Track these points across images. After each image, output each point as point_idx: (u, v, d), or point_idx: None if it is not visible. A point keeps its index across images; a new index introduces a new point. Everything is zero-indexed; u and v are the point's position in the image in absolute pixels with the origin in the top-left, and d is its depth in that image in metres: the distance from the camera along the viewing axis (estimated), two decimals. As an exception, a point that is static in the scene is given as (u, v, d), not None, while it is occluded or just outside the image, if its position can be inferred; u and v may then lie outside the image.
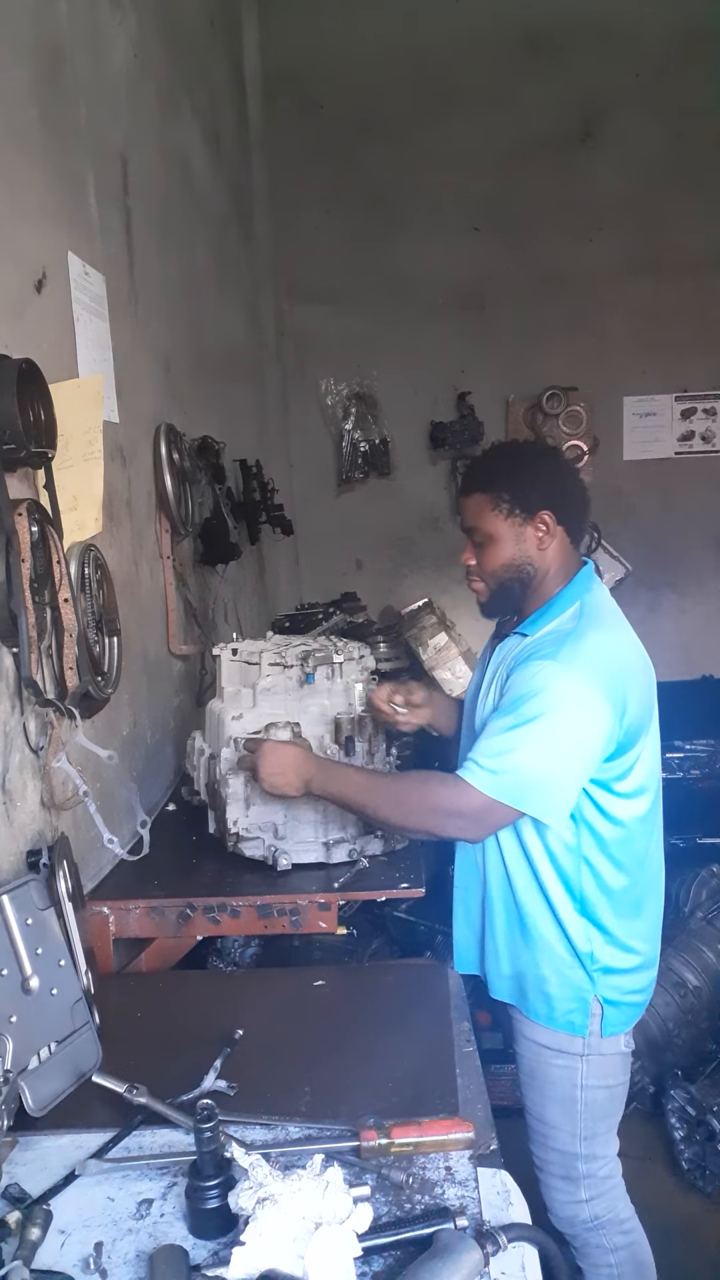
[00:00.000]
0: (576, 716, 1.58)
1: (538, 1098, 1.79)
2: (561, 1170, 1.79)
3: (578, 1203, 1.79)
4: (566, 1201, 1.80)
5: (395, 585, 5.09)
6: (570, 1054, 1.74)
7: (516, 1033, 1.82)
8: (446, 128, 4.70)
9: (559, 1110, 1.76)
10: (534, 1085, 1.80)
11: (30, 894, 1.39)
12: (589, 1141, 1.77)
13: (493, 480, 1.72)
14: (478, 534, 1.73)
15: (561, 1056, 1.74)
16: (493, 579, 1.74)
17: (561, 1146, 1.78)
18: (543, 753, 1.58)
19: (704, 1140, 2.55)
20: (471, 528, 1.74)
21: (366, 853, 1.98)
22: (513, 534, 1.71)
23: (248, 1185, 1.03)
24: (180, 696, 2.75)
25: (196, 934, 1.88)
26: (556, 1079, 1.76)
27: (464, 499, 1.76)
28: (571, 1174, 1.78)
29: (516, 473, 1.73)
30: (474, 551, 1.76)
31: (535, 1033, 1.77)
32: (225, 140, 3.97)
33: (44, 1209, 1.09)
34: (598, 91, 4.69)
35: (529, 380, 4.89)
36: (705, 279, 4.76)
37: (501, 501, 1.70)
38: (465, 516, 1.76)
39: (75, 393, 1.77)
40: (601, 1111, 1.77)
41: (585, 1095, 1.74)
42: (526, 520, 1.70)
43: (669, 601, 5.06)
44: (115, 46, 2.36)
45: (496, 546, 1.72)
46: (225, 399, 3.69)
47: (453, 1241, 1.03)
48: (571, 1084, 1.74)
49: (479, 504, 1.72)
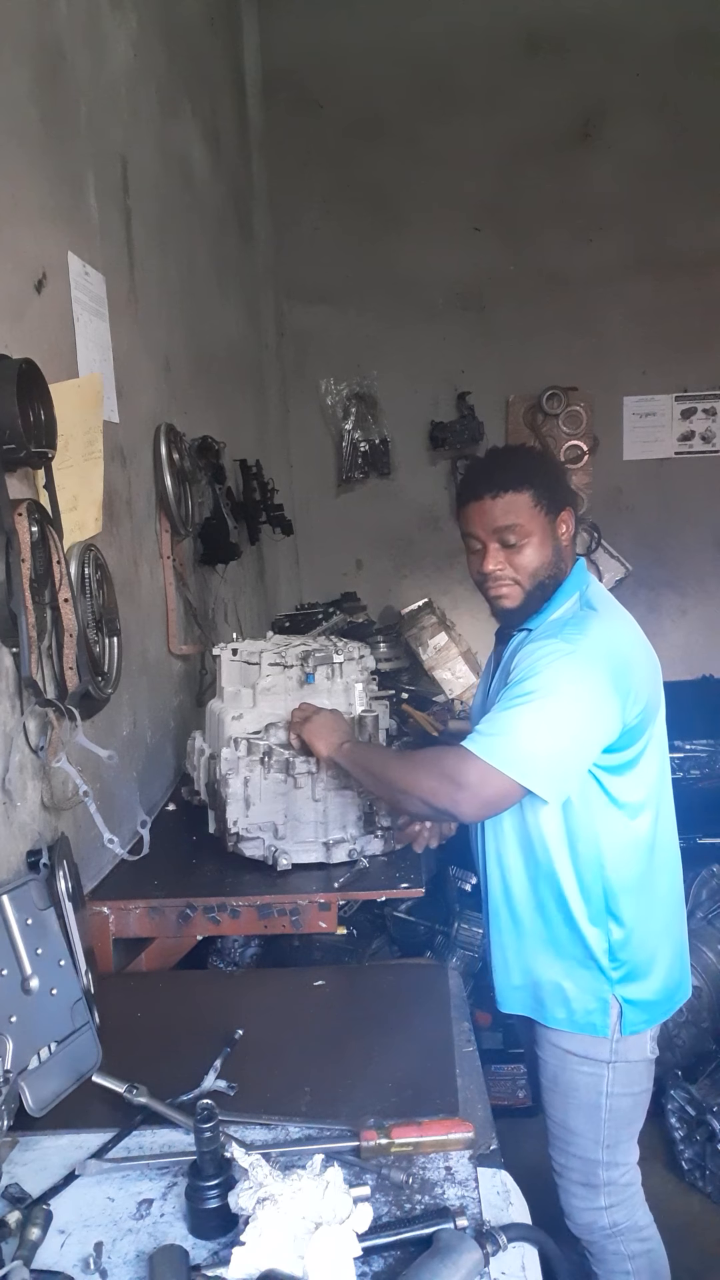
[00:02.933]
0: (581, 697, 1.58)
1: (561, 1104, 1.77)
2: (582, 1177, 1.77)
3: (596, 1209, 1.77)
4: (585, 1208, 1.78)
5: (395, 585, 5.08)
6: (596, 1060, 1.71)
7: (539, 1039, 1.79)
8: (446, 128, 4.69)
9: (582, 1117, 1.74)
10: (557, 1091, 1.77)
11: (30, 894, 1.40)
12: (611, 1149, 1.75)
13: (529, 478, 1.69)
14: (515, 533, 1.67)
15: (588, 1063, 1.72)
16: (531, 579, 1.70)
17: (583, 1153, 1.76)
18: (546, 729, 1.57)
19: (704, 1140, 2.55)
20: (509, 526, 1.67)
21: (366, 853, 1.98)
22: (550, 531, 1.70)
23: (248, 1185, 1.04)
24: (180, 696, 2.75)
25: (196, 934, 1.88)
26: (582, 1085, 1.73)
27: (490, 499, 1.68)
28: (592, 1181, 1.76)
29: (544, 471, 1.75)
30: (502, 554, 1.69)
31: (560, 1039, 1.74)
32: (225, 140, 3.97)
33: (44, 1209, 1.10)
34: (598, 91, 4.68)
35: (529, 380, 4.88)
36: (705, 279, 4.76)
37: (540, 499, 1.68)
38: (494, 517, 1.68)
39: (75, 393, 1.77)
40: (625, 1119, 1.75)
41: (610, 1103, 1.72)
42: (554, 518, 1.71)
43: (669, 601, 5.06)
44: (115, 46, 2.36)
45: (536, 545, 1.68)
46: (225, 399, 3.69)
47: (453, 1241, 1.03)
48: (597, 1091, 1.72)
49: (518, 503, 1.67)
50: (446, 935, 2.91)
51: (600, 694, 1.59)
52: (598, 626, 1.64)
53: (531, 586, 1.71)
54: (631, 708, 1.63)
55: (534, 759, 1.57)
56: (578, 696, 1.58)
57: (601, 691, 1.59)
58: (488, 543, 1.70)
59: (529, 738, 1.57)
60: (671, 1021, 2.81)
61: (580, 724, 1.59)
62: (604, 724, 1.61)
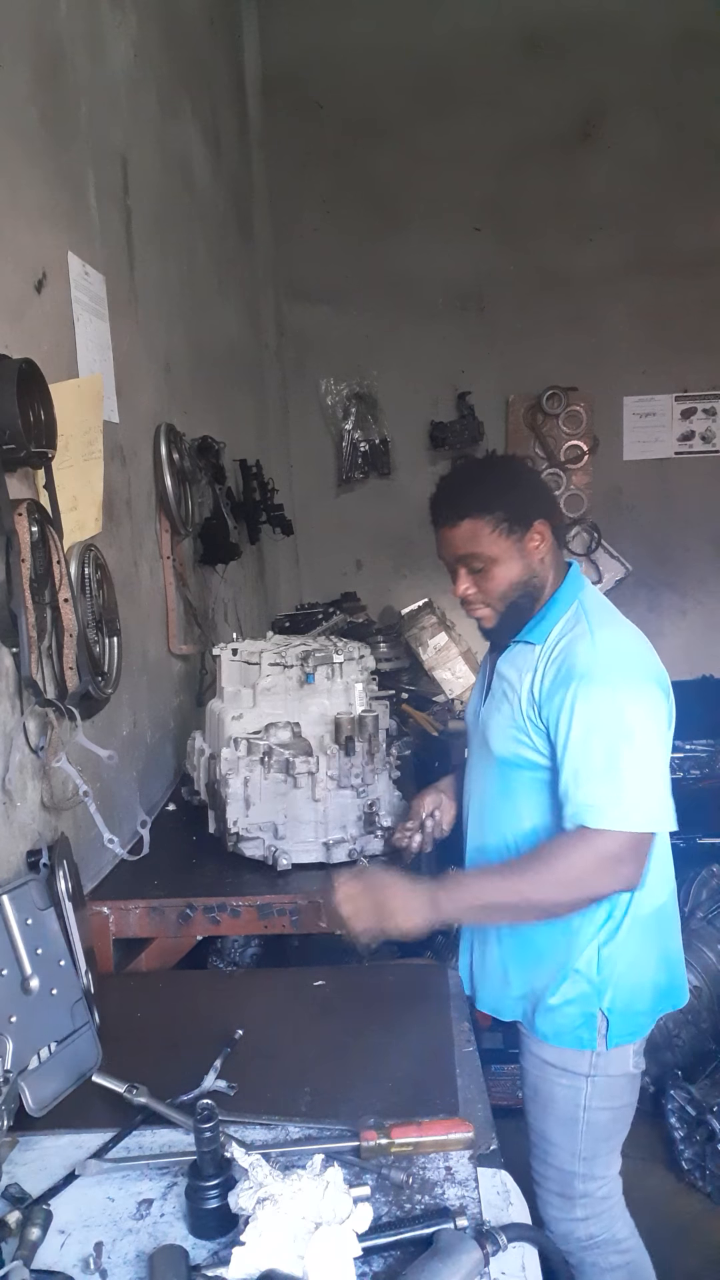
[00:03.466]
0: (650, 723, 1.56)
1: (540, 1114, 1.75)
2: (558, 1187, 1.75)
3: (573, 1220, 1.74)
4: (561, 1219, 1.75)
5: (395, 585, 5.08)
6: (575, 1073, 1.68)
7: (522, 1047, 1.76)
8: (446, 128, 4.70)
9: (560, 1129, 1.72)
10: (537, 1101, 1.75)
11: (30, 894, 1.39)
12: (588, 1162, 1.72)
13: (485, 503, 1.65)
14: (476, 560, 1.66)
15: (566, 1075, 1.69)
16: (502, 601, 1.68)
17: (560, 1164, 1.73)
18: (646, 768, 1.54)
19: (704, 1140, 2.55)
20: (467, 555, 1.66)
21: (366, 853, 1.98)
22: (515, 551, 1.66)
23: (248, 1185, 1.03)
24: (180, 696, 2.75)
25: (196, 934, 1.88)
26: (560, 1098, 1.70)
27: (449, 530, 1.67)
28: (568, 1192, 1.74)
29: (503, 489, 1.68)
30: (470, 579, 1.69)
31: (541, 1049, 1.71)
32: (225, 140, 3.97)
33: (44, 1209, 1.09)
34: (598, 91, 4.69)
35: (529, 380, 4.89)
36: (705, 279, 4.76)
37: (500, 522, 1.64)
38: (455, 546, 1.67)
39: (75, 393, 1.77)
40: (604, 1133, 1.72)
41: (588, 1116, 1.69)
42: (523, 534, 1.66)
43: (669, 601, 5.06)
44: (115, 46, 2.36)
45: (502, 568, 1.66)
46: (225, 399, 3.69)
47: (453, 1241, 1.03)
48: (575, 1104, 1.69)
49: (473, 530, 1.65)
50: (446, 935, 2.91)
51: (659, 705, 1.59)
52: (612, 642, 1.62)
53: (505, 607, 1.69)
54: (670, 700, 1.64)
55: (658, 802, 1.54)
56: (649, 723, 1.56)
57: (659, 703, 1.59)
58: (455, 568, 1.70)
59: (643, 785, 1.53)
60: (671, 1021, 2.82)
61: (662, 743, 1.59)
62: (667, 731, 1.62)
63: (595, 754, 1.53)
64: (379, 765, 2.06)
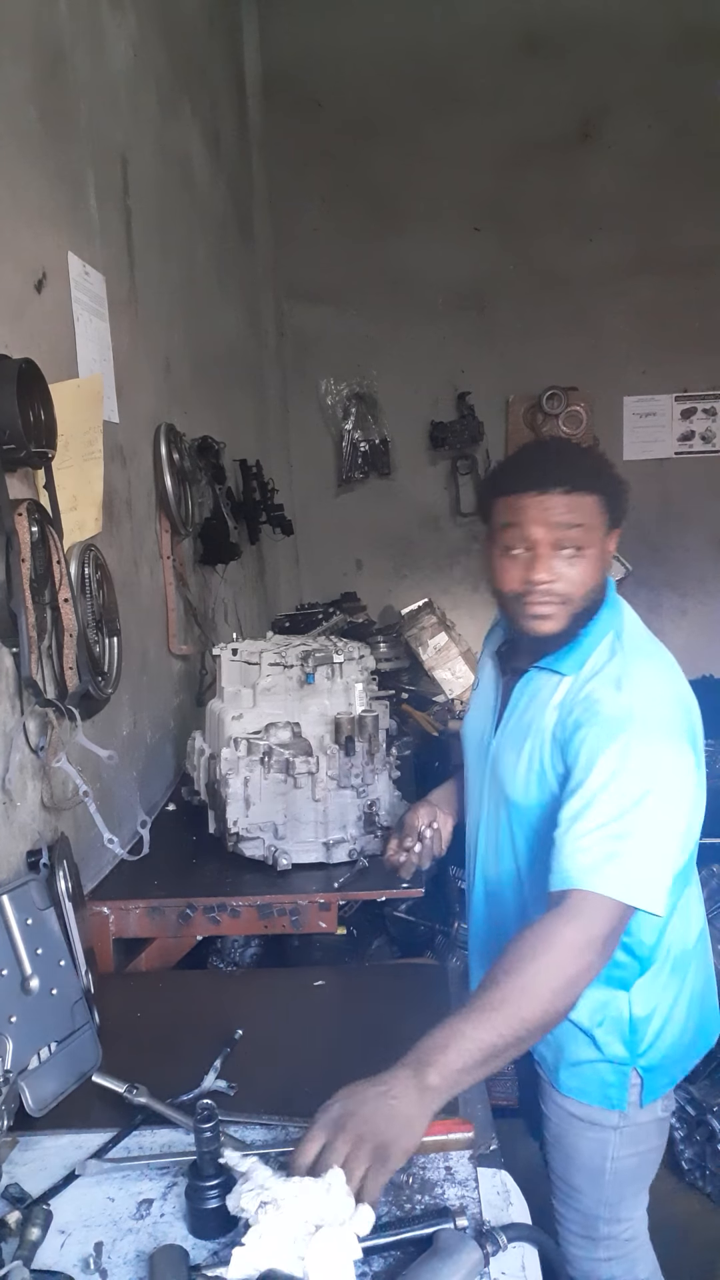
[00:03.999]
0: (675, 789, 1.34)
1: (563, 1162, 1.62)
2: (581, 1230, 1.64)
3: (595, 1261, 1.64)
4: (583, 1258, 1.65)
5: (395, 585, 5.09)
6: (604, 1127, 1.55)
7: (544, 1094, 1.61)
8: (446, 128, 4.70)
9: (584, 1178, 1.60)
10: (559, 1149, 1.62)
11: (30, 894, 1.39)
12: (613, 1206, 1.61)
13: (602, 479, 1.43)
14: (579, 539, 1.39)
15: (593, 1129, 1.55)
16: (581, 601, 1.42)
17: (584, 1209, 1.62)
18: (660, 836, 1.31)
19: (704, 1140, 2.54)
20: (575, 525, 1.38)
21: (366, 853, 1.98)
22: (602, 548, 1.43)
23: (249, 1187, 1.03)
24: (180, 696, 2.75)
25: (196, 934, 1.88)
26: (585, 1150, 1.57)
27: (555, 495, 1.38)
28: (592, 1234, 1.63)
29: (613, 476, 1.46)
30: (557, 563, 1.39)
31: (564, 1101, 1.57)
32: (225, 140, 3.97)
33: (44, 1209, 1.09)
34: (598, 91, 4.69)
35: (529, 380, 4.89)
36: (705, 279, 4.76)
37: (605, 509, 1.42)
38: (558, 514, 1.38)
39: (75, 393, 1.77)
40: (630, 1177, 1.60)
41: (614, 1165, 1.57)
42: (609, 533, 1.45)
43: (669, 601, 5.06)
44: (115, 46, 2.36)
45: (590, 560, 1.40)
46: (225, 399, 3.69)
47: (453, 1241, 1.03)
48: (601, 1155, 1.56)
49: (581, 505, 1.39)
50: (446, 935, 2.90)
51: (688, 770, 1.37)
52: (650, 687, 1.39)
53: (579, 609, 1.42)
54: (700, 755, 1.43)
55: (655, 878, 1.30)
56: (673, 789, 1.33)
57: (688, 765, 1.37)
58: (542, 545, 1.39)
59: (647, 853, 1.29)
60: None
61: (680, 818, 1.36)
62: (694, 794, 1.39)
63: (607, 806, 1.29)
64: (379, 765, 2.06)
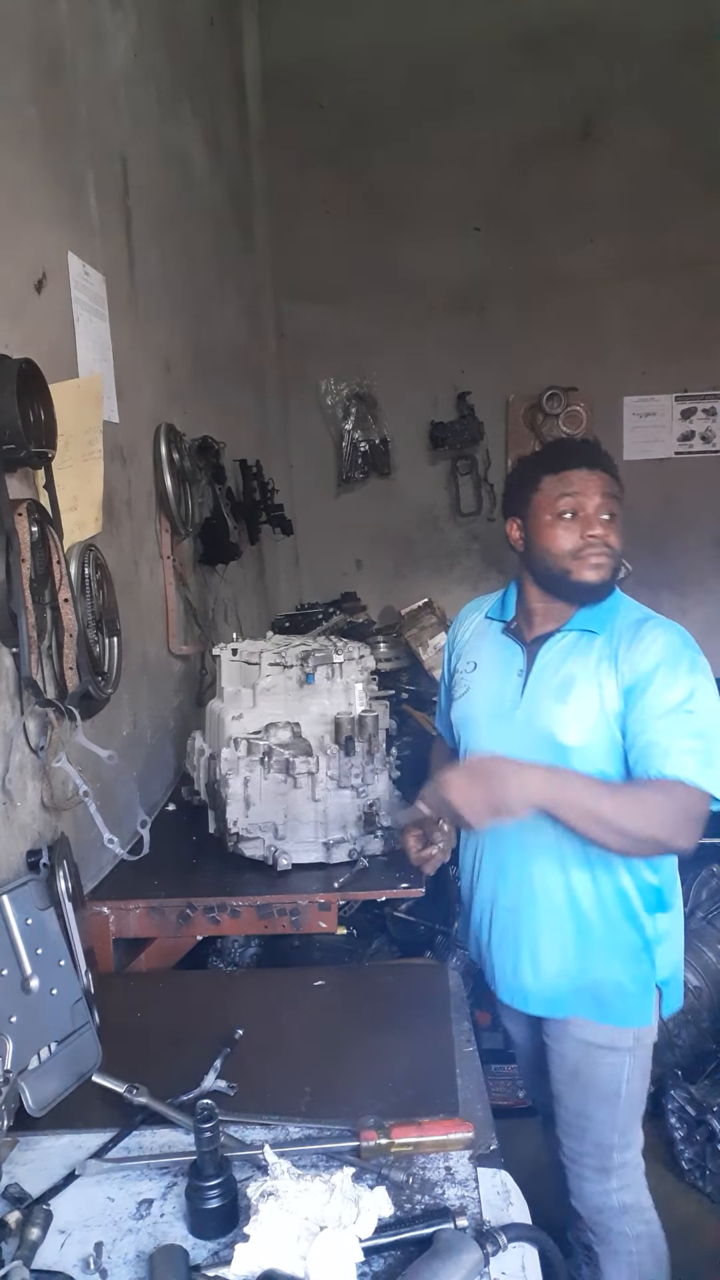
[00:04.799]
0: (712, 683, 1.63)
1: (580, 1095, 1.78)
2: (597, 1162, 1.81)
3: (608, 1191, 1.81)
4: (597, 1191, 1.82)
5: (395, 585, 5.08)
6: (621, 1050, 1.73)
7: (558, 1034, 1.77)
8: (446, 128, 4.69)
9: (602, 1106, 1.77)
10: (576, 1083, 1.78)
11: (30, 894, 1.39)
12: (624, 1133, 1.79)
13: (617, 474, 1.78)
14: (614, 509, 1.74)
15: (613, 1054, 1.74)
16: (619, 558, 1.76)
17: (599, 1139, 1.79)
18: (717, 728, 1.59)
19: (704, 1140, 2.54)
20: (615, 495, 1.74)
21: (366, 853, 1.98)
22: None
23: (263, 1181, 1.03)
24: (180, 696, 2.75)
25: (196, 934, 1.88)
26: (605, 1076, 1.75)
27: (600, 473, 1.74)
28: (606, 1165, 1.80)
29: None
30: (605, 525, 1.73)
31: (585, 1032, 1.74)
32: (225, 140, 3.97)
33: (44, 1209, 1.10)
34: (598, 91, 4.68)
35: (529, 380, 4.88)
36: (705, 279, 4.76)
37: (620, 492, 1.77)
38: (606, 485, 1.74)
39: (75, 393, 1.77)
40: (636, 1101, 1.79)
41: (628, 1089, 1.75)
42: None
43: (669, 601, 5.05)
44: (115, 46, 2.36)
45: (621, 528, 1.75)
46: (225, 399, 3.69)
47: (453, 1241, 1.03)
48: (618, 1079, 1.75)
49: (612, 484, 1.75)
50: (446, 935, 2.91)
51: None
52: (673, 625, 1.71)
53: (616, 565, 1.74)
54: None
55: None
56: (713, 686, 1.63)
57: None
58: (595, 508, 1.71)
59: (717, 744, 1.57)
60: (672, 1021, 2.82)
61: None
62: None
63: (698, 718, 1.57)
64: (379, 765, 2.06)
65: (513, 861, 1.75)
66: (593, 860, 1.67)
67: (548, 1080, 1.82)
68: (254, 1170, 1.14)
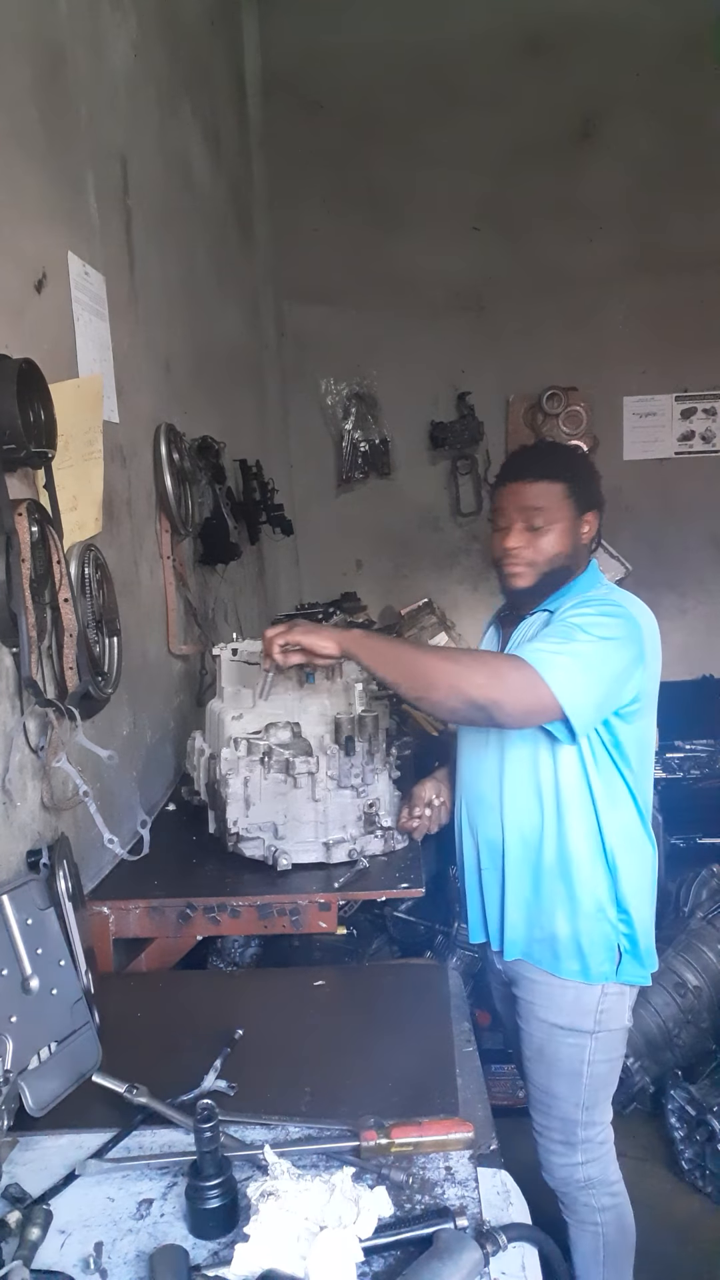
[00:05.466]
0: (624, 651, 1.69)
1: (545, 1072, 1.88)
2: (562, 1136, 1.90)
3: (573, 1165, 1.90)
4: (563, 1164, 1.91)
5: (395, 585, 5.08)
6: (581, 1032, 1.82)
7: (527, 1013, 1.89)
8: (446, 128, 4.69)
9: (564, 1083, 1.86)
10: (542, 1061, 1.88)
11: (30, 894, 1.39)
12: (589, 1110, 1.88)
13: (565, 470, 1.83)
14: (542, 517, 1.79)
15: (574, 1035, 1.83)
16: (546, 565, 1.81)
17: (564, 1115, 1.88)
18: (595, 665, 1.66)
19: (704, 1140, 2.55)
20: (537, 509, 1.79)
21: (366, 853, 1.98)
22: (571, 525, 1.81)
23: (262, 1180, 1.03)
24: (180, 696, 2.75)
25: (196, 934, 1.88)
26: (565, 1057, 1.84)
27: (525, 484, 1.81)
28: (571, 1139, 1.89)
29: (581, 469, 1.87)
30: (525, 535, 1.80)
31: (549, 1014, 1.84)
32: (225, 140, 3.97)
33: (44, 1209, 1.09)
34: (598, 91, 4.68)
35: (529, 380, 4.89)
36: (705, 279, 4.76)
37: (570, 493, 1.81)
38: (525, 498, 1.80)
39: (75, 393, 1.77)
40: (602, 1082, 1.88)
41: (591, 1070, 1.84)
42: (581, 515, 1.83)
43: (669, 601, 5.06)
44: (115, 46, 2.36)
45: (556, 534, 1.80)
46: (225, 399, 3.68)
47: (453, 1241, 1.03)
48: (580, 1060, 1.83)
49: (547, 491, 1.80)
50: (446, 935, 2.91)
51: (634, 656, 1.71)
52: (632, 604, 1.79)
53: (544, 572, 1.81)
54: (645, 686, 1.76)
55: (578, 688, 1.65)
56: (622, 649, 1.69)
57: (634, 654, 1.71)
58: (515, 521, 1.81)
59: (579, 667, 1.65)
60: (671, 1021, 2.82)
61: (617, 674, 1.70)
62: (629, 685, 1.72)
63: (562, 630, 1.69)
64: (379, 765, 2.06)
65: (480, 820, 1.90)
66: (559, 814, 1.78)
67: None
68: (254, 1170, 1.14)
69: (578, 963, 1.80)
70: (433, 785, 2.06)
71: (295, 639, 1.74)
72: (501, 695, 1.63)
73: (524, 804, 1.82)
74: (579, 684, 1.64)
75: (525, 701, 1.64)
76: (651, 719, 1.84)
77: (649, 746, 1.86)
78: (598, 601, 1.75)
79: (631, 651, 1.71)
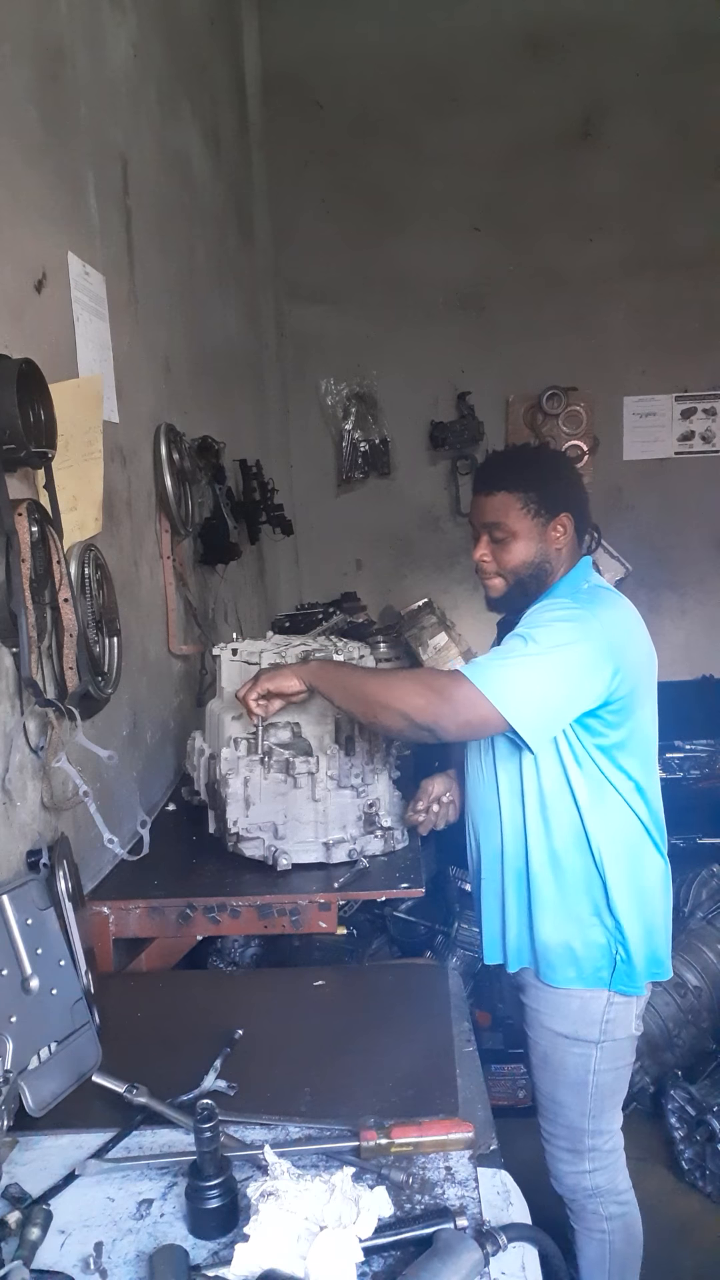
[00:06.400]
0: (577, 654, 1.66)
1: (551, 1080, 1.87)
2: (568, 1144, 1.89)
3: (581, 1173, 1.89)
4: (570, 1171, 1.90)
5: (395, 585, 5.08)
6: (586, 1042, 1.81)
7: (533, 1021, 1.88)
8: (446, 128, 4.69)
9: (570, 1092, 1.85)
10: (547, 1069, 1.87)
11: (30, 894, 1.39)
12: (596, 1119, 1.86)
13: (521, 481, 1.79)
14: (500, 530, 1.79)
15: (578, 1045, 1.81)
16: (512, 575, 1.82)
17: (570, 1123, 1.87)
18: (539, 673, 1.65)
19: (704, 1140, 2.55)
20: (494, 523, 1.80)
21: (366, 853, 1.98)
22: (537, 533, 1.79)
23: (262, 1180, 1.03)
24: (180, 696, 2.75)
25: (196, 934, 1.88)
26: (571, 1066, 1.83)
27: (486, 496, 1.81)
28: (578, 1147, 1.88)
29: (542, 475, 1.83)
30: (490, 548, 1.81)
31: (554, 1023, 1.83)
32: (225, 140, 3.97)
33: (44, 1209, 1.09)
34: (598, 91, 4.68)
35: (529, 380, 4.88)
36: (705, 279, 4.76)
37: (530, 502, 1.78)
38: (486, 513, 1.81)
39: (75, 393, 1.77)
40: (609, 1090, 1.86)
41: (596, 1079, 1.82)
42: (548, 521, 1.80)
43: (669, 601, 5.06)
44: (115, 46, 2.36)
45: (519, 544, 1.79)
46: (225, 399, 3.68)
47: (453, 1241, 1.03)
48: (585, 1070, 1.82)
49: (505, 502, 1.79)
50: (446, 935, 2.91)
51: (594, 658, 1.67)
52: (602, 602, 1.75)
53: (514, 581, 1.82)
54: (622, 685, 1.70)
55: (522, 697, 1.64)
56: (575, 653, 1.66)
57: (596, 656, 1.67)
58: (480, 533, 1.83)
59: (521, 676, 1.64)
60: (672, 1021, 2.82)
61: (571, 679, 1.67)
62: (592, 687, 1.68)
63: (517, 636, 1.68)
64: (379, 765, 2.06)
65: (482, 829, 1.90)
66: (549, 822, 1.77)
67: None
68: (254, 1170, 1.14)
69: (573, 969, 1.79)
70: (443, 781, 2.05)
71: (264, 689, 1.81)
72: (440, 713, 1.65)
73: (514, 812, 1.82)
74: (521, 694, 1.64)
75: (464, 716, 1.65)
76: (645, 719, 1.80)
77: (649, 747, 1.82)
78: (554, 606, 1.73)
79: (589, 653, 1.66)
